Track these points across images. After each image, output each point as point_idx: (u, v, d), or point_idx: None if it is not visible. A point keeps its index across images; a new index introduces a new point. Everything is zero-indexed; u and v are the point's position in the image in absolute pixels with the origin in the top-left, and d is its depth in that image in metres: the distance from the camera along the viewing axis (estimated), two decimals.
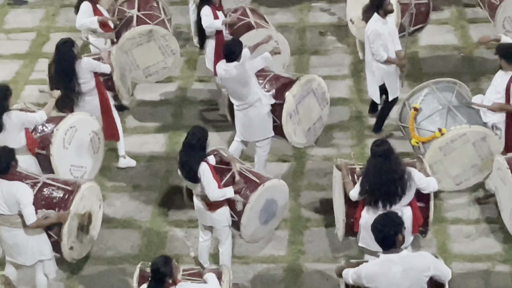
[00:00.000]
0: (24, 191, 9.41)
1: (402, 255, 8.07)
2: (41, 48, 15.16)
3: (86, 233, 10.13)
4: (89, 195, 10.05)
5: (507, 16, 13.61)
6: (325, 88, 12.05)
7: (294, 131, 11.71)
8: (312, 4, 16.12)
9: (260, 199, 10.01)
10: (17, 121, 10.58)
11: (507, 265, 10.64)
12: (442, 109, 11.30)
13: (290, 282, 10.59)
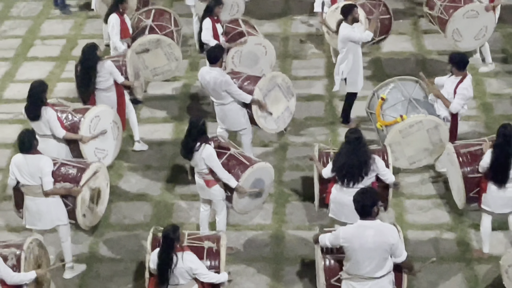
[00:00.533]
0: (46, 161, 9.66)
1: (376, 223, 8.33)
2: (70, 52, 15.17)
3: (96, 205, 10.32)
4: (100, 173, 10.27)
5: (455, 28, 13.63)
6: (289, 83, 12.10)
7: (264, 119, 11.81)
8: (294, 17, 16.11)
9: (249, 178, 10.20)
10: (48, 118, 10.78)
11: (453, 233, 10.87)
12: (404, 100, 11.43)
13: (274, 245, 10.79)
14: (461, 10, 13.56)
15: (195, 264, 8.61)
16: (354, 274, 8.61)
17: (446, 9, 13.77)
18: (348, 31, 12.37)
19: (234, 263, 10.30)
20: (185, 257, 8.56)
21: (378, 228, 8.41)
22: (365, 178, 9.80)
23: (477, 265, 10.43)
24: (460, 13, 13.56)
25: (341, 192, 9.89)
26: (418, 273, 9.46)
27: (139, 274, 10.32)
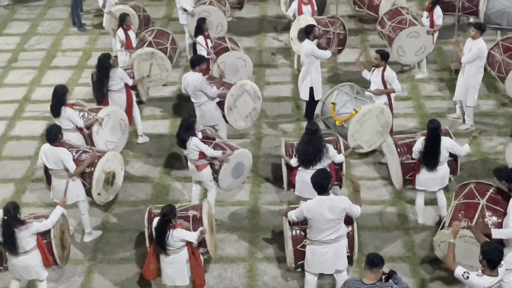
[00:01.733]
0: (66, 154, 9.68)
1: (331, 197, 8.51)
2: (86, 62, 15.12)
3: (111, 186, 10.30)
4: (113, 159, 10.26)
5: (400, 45, 13.60)
6: (256, 89, 11.96)
7: (234, 119, 11.80)
8: (267, 34, 16.04)
9: (232, 162, 10.27)
10: (67, 116, 10.76)
11: (394, 207, 10.95)
12: (351, 99, 11.40)
13: (251, 218, 10.84)
14: (405, 31, 13.58)
15: (182, 235, 8.70)
16: (315, 240, 8.71)
17: (394, 29, 13.80)
18: (311, 47, 12.28)
19: (219, 232, 10.28)
20: (174, 233, 8.65)
21: (333, 200, 8.55)
22: (321, 161, 9.83)
23: (413, 233, 10.50)
24: (405, 33, 13.56)
25: (304, 173, 9.91)
26: (367, 240, 9.61)
27: (141, 241, 10.34)
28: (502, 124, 12.89)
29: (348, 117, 11.27)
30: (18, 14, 17.57)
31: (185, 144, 10.12)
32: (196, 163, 10.25)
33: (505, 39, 13.27)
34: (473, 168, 11.70)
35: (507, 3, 14.28)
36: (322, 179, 8.58)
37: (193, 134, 10.12)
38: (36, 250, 8.80)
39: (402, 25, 13.77)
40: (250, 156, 10.75)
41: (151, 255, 8.96)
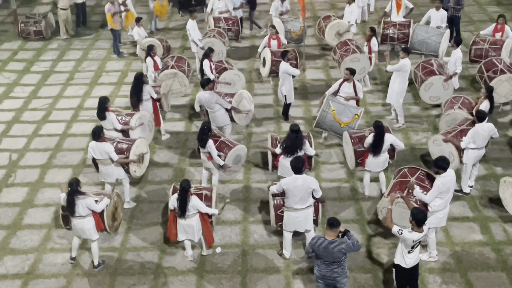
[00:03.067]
0: (109, 146, 9.72)
1: (304, 176, 8.61)
2: (123, 80, 15.03)
3: (142, 163, 10.33)
4: (140, 145, 10.26)
5: (345, 68, 13.11)
6: (249, 95, 11.93)
7: (239, 118, 11.74)
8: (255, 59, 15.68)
9: (232, 154, 10.29)
10: (110, 119, 10.76)
11: (348, 183, 10.91)
12: (344, 106, 11.22)
13: (245, 192, 10.82)
14: (348, 57, 13.47)
15: (197, 203, 8.78)
16: (291, 207, 8.76)
17: (342, 55, 13.69)
18: (287, 67, 12.22)
19: (221, 202, 10.20)
20: (193, 199, 8.73)
21: (305, 179, 8.63)
22: (299, 152, 9.86)
23: (361, 202, 10.53)
24: (348, 58, 13.44)
25: (284, 160, 9.93)
26: (326, 205, 9.74)
27: (165, 210, 10.38)
28: (425, 123, 12.88)
29: (352, 120, 11.13)
30: (74, 45, 17.47)
31: (205, 144, 10.05)
32: (207, 155, 10.21)
33: (424, 61, 13.25)
34: (404, 155, 11.70)
35: (426, 35, 14.25)
36: (298, 163, 8.69)
37: (210, 137, 10.08)
38: (91, 217, 8.84)
39: (347, 52, 13.67)
40: (245, 149, 10.72)
41: (172, 221, 8.99)
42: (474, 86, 14.05)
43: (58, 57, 16.62)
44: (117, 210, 9.29)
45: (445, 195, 8.61)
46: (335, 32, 15.16)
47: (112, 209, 9.14)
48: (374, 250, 9.40)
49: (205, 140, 10.01)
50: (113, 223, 9.19)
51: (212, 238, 9.23)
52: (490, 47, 13.61)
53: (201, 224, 9.00)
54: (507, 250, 9.29)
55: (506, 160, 11.48)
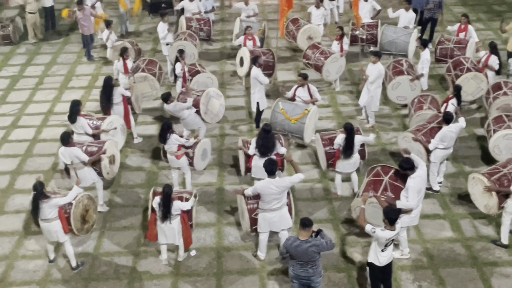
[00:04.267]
0: (77, 150, 9.66)
1: (277, 179, 8.59)
2: (94, 83, 14.83)
3: (113, 164, 10.28)
4: (111, 146, 10.20)
5: (327, 69, 13.54)
6: (216, 91, 11.94)
7: (211, 118, 11.80)
8: (226, 61, 15.89)
9: (200, 148, 10.38)
10: (81, 124, 10.64)
11: (321, 184, 10.94)
12: (294, 105, 11.41)
13: (218, 194, 10.77)
14: (329, 59, 13.57)
15: (179, 205, 8.79)
16: (266, 208, 8.75)
17: (319, 58, 13.75)
18: (257, 73, 12.15)
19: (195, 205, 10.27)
20: (174, 203, 8.75)
21: (278, 181, 8.61)
22: (271, 154, 9.86)
23: (334, 202, 10.57)
24: (329, 60, 13.57)
25: (258, 161, 9.92)
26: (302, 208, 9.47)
27: (138, 214, 10.35)
28: (395, 123, 13.01)
29: (302, 115, 11.20)
30: (43, 49, 17.21)
31: (166, 140, 10.03)
32: (175, 154, 10.20)
33: (395, 60, 13.40)
34: (376, 155, 11.81)
35: (395, 35, 14.43)
36: (271, 165, 8.66)
37: (172, 132, 10.04)
38: (57, 220, 8.77)
39: (324, 54, 13.75)
40: (210, 143, 10.89)
41: (153, 223, 8.95)
42: (442, 85, 14.25)
43: (27, 62, 16.38)
44: (88, 212, 9.20)
45: (418, 195, 8.72)
46: (307, 36, 15.21)
47: (82, 211, 9.06)
48: (348, 249, 9.46)
49: (165, 136, 9.99)
50: (82, 226, 9.11)
51: (191, 240, 9.22)
52: (455, 46, 13.85)
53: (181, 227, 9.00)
54: (477, 246, 9.45)
55: (474, 157, 11.67)
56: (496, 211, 9.11)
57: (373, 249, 7.94)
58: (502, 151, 10.66)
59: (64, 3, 20.53)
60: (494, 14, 18.52)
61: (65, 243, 9.00)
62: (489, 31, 17.32)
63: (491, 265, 9.08)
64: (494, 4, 19.52)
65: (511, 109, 11.63)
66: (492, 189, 9.01)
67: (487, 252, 9.31)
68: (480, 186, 9.20)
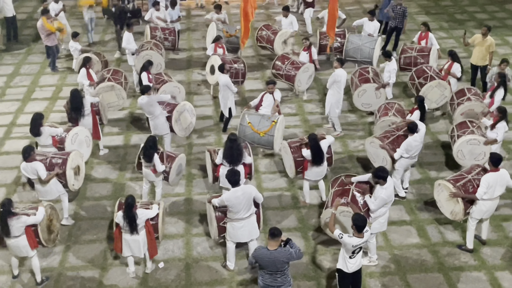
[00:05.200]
0: (39, 165, 9.46)
1: (242, 187, 8.61)
2: (58, 94, 14.63)
3: (79, 175, 10.18)
4: (75, 157, 10.09)
5: (299, 79, 13.59)
6: (192, 107, 11.97)
7: (178, 129, 11.72)
8: (193, 70, 15.86)
9: (176, 165, 10.26)
10: (47, 132, 10.53)
11: (289, 192, 10.95)
12: (261, 117, 11.44)
13: (186, 205, 10.71)
14: (301, 69, 13.65)
15: (144, 214, 8.71)
16: (234, 218, 8.73)
17: (290, 69, 13.79)
18: (226, 80, 12.16)
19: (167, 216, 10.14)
20: (139, 213, 8.65)
21: (244, 189, 8.64)
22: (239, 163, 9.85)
23: (303, 210, 10.59)
24: (301, 70, 13.64)
25: (225, 170, 9.78)
26: (271, 217, 9.44)
27: (104, 226, 10.24)
28: (361, 130, 13.12)
29: (270, 127, 11.26)
30: (5, 60, 16.91)
31: (152, 159, 9.92)
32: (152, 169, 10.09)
33: (362, 67, 13.57)
34: (343, 162, 11.90)
35: (361, 42, 14.61)
36: (233, 176, 8.66)
37: (156, 151, 9.96)
38: (24, 235, 8.60)
39: (295, 65, 13.80)
40: (185, 158, 10.77)
41: (118, 235, 8.84)
42: (407, 93, 14.46)
43: None
44: (52, 222, 9.09)
45: (389, 204, 8.82)
46: (282, 40, 15.36)
47: (47, 222, 8.94)
48: (317, 257, 9.47)
49: (151, 154, 9.88)
50: (49, 236, 8.98)
51: (156, 250, 9.11)
52: (418, 55, 14.07)
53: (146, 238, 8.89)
54: (443, 251, 9.57)
55: (439, 164, 11.84)
56: (461, 217, 9.23)
57: (342, 256, 7.97)
58: (465, 156, 10.85)
59: (26, 13, 20.27)
60: (456, 23, 18.92)
61: (33, 258, 8.83)
62: (451, 39, 17.66)
63: (457, 270, 9.20)
64: (455, 13, 19.96)
65: (474, 114, 11.86)
66: (457, 196, 9.13)
67: (453, 257, 9.43)
68: (445, 192, 9.32)
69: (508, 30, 18.00)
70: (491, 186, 8.96)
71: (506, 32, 17.72)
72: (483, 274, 9.11)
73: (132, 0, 19.57)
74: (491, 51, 13.64)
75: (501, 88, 11.76)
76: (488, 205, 9.11)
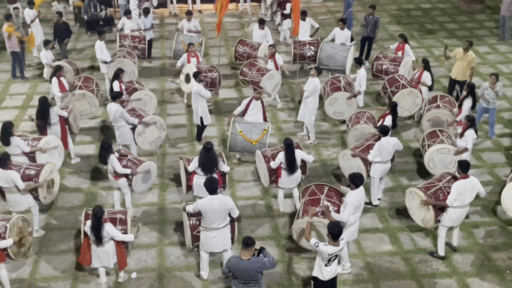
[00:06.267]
0: (15, 174, 9.38)
1: (219, 196, 8.56)
2: (29, 103, 14.48)
3: (52, 189, 10.05)
4: (50, 169, 9.96)
5: (264, 85, 13.49)
6: (163, 122, 11.90)
7: (142, 142, 11.60)
8: (168, 79, 15.77)
9: (141, 170, 10.11)
10: (15, 143, 10.43)
11: (263, 201, 10.95)
12: (252, 125, 11.41)
13: (159, 214, 10.65)
14: (266, 75, 13.68)
15: (112, 231, 8.56)
16: (208, 227, 8.68)
17: (256, 75, 13.83)
18: (199, 88, 12.16)
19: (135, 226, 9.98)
20: (106, 227, 8.51)
21: (220, 199, 8.57)
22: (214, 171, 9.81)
23: (276, 218, 10.61)
24: (266, 76, 13.67)
25: (199, 179, 9.85)
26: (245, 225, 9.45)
27: (76, 237, 10.11)
28: (335, 139, 13.22)
29: (262, 135, 11.27)
30: None
31: (106, 161, 9.87)
32: (114, 175, 10.03)
33: (334, 76, 13.72)
34: (316, 170, 11.96)
35: (334, 50, 14.76)
36: (212, 184, 8.62)
37: (111, 152, 9.92)
38: None
39: (261, 72, 13.86)
40: (155, 166, 10.59)
41: (85, 246, 8.71)
42: (379, 102, 14.63)
43: None
44: (24, 235, 8.88)
45: (358, 210, 8.87)
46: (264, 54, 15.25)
47: (17, 234, 8.72)
48: (291, 265, 9.49)
49: (105, 156, 9.85)
50: (19, 249, 8.78)
51: (125, 262, 8.98)
52: (390, 64, 14.34)
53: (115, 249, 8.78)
54: (415, 258, 9.67)
55: (411, 171, 12.00)
56: (432, 224, 9.36)
57: (317, 264, 8.00)
58: (436, 165, 11.02)
59: None
60: (427, 33, 19.25)
61: (0, 270, 8.65)
62: (422, 48, 17.95)
63: (429, 276, 9.31)
64: (426, 22, 20.30)
65: (441, 122, 12.07)
66: (428, 203, 9.25)
67: (425, 264, 9.54)
68: (417, 200, 9.44)
69: (477, 40, 18.36)
70: (461, 194, 9.10)
71: (475, 42, 18.03)
72: (454, 280, 9.23)
73: (104, 8, 19.47)
74: (471, 66, 13.60)
75: (469, 98, 11.95)
76: (458, 212, 9.25)
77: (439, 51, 17.62)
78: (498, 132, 13.36)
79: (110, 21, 18.96)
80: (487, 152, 12.61)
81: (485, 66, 16.66)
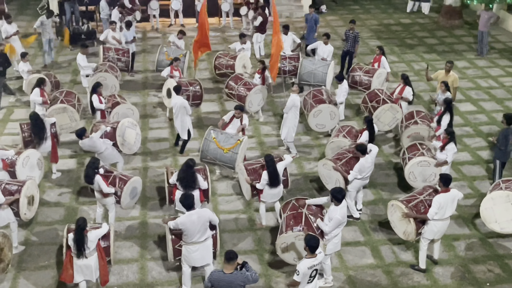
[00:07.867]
0: None
1: (197, 210, 8.56)
2: (9, 117, 14.35)
3: (32, 205, 9.94)
4: (31, 186, 9.88)
5: (250, 100, 13.68)
6: (131, 120, 11.89)
7: (128, 148, 11.76)
8: (150, 93, 15.82)
9: (128, 187, 10.12)
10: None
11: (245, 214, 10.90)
12: (226, 135, 11.33)
13: (141, 228, 10.57)
14: (253, 90, 13.76)
15: (95, 234, 8.60)
16: (189, 242, 8.66)
17: (242, 89, 13.90)
18: (182, 101, 12.13)
19: (117, 240, 10.08)
20: (89, 236, 8.50)
21: (198, 212, 8.60)
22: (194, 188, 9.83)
23: (259, 232, 10.58)
24: (253, 91, 13.75)
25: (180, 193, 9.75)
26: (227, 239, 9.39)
27: (57, 252, 9.99)
28: (316, 152, 13.26)
29: (235, 145, 11.19)
30: None
31: (93, 181, 9.84)
32: (101, 192, 9.96)
33: (315, 89, 13.81)
34: (298, 184, 11.99)
35: (314, 66, 14.87)
36: (187, 200, 8.65)
37: (97, 172, 9.86)
38: None
39: (248, 86, 13.91)
40: (141, 181, 10.61)
41: (68, 262, 8.61)
42: (360, 116, 14.74)
43: None
44: (3, 251, 8.81)
45: (343, 224, 8.93)
46: (242, 64, 15.50)
47: None
48: (273, 279, 9.46)
49: (91, 176, 9.79)
50: None
51: (107, 276, 8.90)
52: (364, 75, 14.62)
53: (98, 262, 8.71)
54: (396, 271, 9.71)
55: (392, 184, 12.08)
56: (414, 237, 9.41)
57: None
58: (417, 178, 11.11)
59: None
60: (407, 47, 19.50)
61: None
62: (402, 63, 18.17)
63: None
64: (406, 37, 20.59)
65: (421, 138, 12.21)
66: (409, 216, 9.32)
67: (407, 277, 9.58)
68: (398, 212, 9.50)
69: (456, 55, 18.65)
70: (442, 207, 9.18)
71: (454, 57, 18.34)
72: None
73: (86, 22, 19.44)
74: (454, 86, 13.69)
75: (447, 114, 12.05)
76: (439, 225, 9.32)
77: (419, 65, 17.86)
78: (477, 145, 13.53)
79: (92, 35, 18.92)
80: (467, 165, 12.75)
81: (464, 80, 16.88)
